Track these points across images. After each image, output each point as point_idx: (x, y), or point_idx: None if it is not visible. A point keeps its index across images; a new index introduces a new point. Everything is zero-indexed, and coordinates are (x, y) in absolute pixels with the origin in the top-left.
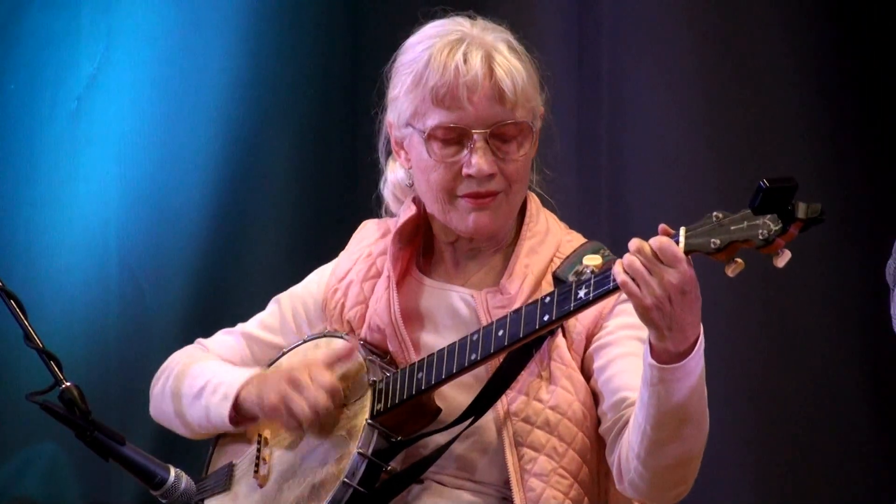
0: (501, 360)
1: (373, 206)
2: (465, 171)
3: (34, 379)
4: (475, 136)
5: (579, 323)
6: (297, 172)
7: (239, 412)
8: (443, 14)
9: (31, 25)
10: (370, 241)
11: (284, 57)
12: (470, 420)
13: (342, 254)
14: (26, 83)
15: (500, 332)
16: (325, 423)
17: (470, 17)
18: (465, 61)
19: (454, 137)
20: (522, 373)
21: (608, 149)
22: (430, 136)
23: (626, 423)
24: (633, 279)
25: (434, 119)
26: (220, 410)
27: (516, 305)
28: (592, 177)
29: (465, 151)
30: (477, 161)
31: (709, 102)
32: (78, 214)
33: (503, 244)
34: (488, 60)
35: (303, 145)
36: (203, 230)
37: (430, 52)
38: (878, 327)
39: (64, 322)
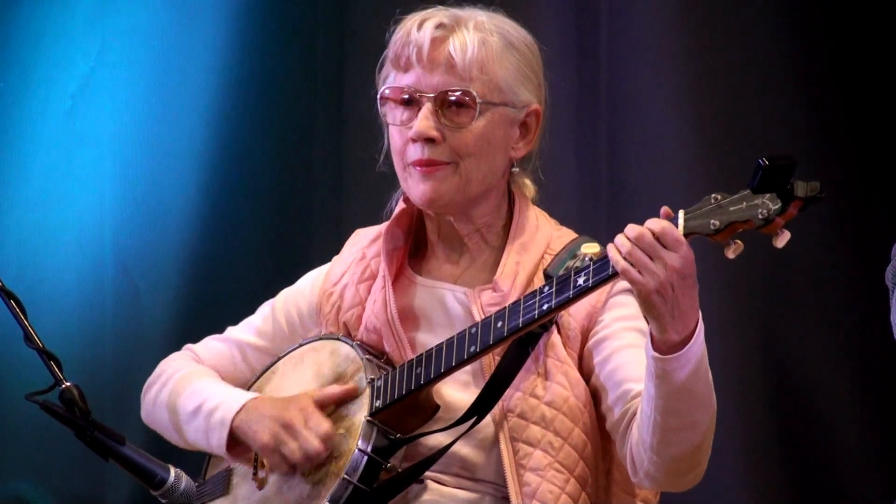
0: (500, 359)
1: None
2: (409, 133)
3: (34, 379)
4: (422, 99)
5: (573, 319)
6: (287, 172)
7: (234, 439)
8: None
9: (25, 23)
10: (363, 244)
11: (277, 56)
12: (474, 420)
13: (335, 259)
14: (19, 81)
15: (500, 324)
16: (319, 463)
17: (489, 9)
18: (420, 27)
19: (406, 100)
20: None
21: (608, 146)
22: (384, 98)
23: (635, 414)
24: (634, 265)
25: (390, 81)
26: (218, 436)
27: (509, 302)
28: (592, 173)
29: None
30: (417, 122)
31: (708, 98)
32: (72, 214)
33: (493, 241)
34: (446, 30)
35: (292, 145)
36: (198, 229)
37: (402, 24)
38: (873, 328)
39: (59, 321)
